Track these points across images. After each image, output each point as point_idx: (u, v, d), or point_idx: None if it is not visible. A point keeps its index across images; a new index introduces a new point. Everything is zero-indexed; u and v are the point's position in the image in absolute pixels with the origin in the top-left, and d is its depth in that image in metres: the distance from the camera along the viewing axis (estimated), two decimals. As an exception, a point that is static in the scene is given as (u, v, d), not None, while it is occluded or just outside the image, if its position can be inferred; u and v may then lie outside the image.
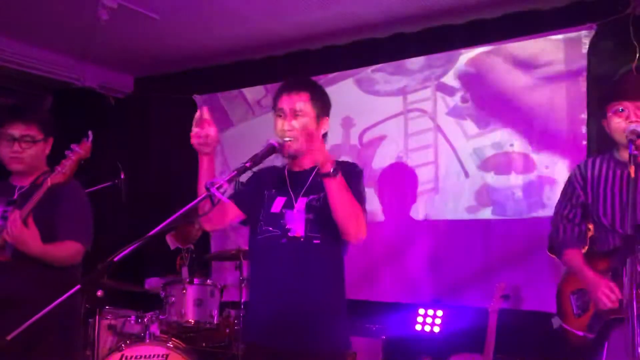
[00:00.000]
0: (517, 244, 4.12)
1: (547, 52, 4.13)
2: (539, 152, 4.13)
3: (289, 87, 2.27)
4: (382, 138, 4.74)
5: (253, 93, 5.32)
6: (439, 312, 4.19)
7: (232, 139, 5.24)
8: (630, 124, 2.36)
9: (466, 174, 4.38)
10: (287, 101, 2.24)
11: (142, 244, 1.74)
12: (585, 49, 3.98)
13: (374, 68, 4.80)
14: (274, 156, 2.15)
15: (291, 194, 2.27)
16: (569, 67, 4.05)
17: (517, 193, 4.18)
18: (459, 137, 4.43)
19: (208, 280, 3.99)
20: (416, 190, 4.53)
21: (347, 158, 4.26)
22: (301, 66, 5.06)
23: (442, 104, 4.52)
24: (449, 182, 4.44)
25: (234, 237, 4.99)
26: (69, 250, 2.61)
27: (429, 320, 4.20)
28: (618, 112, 2.44)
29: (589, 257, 2.51)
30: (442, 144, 4.50)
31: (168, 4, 4.31)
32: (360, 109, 4.80)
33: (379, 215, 4.66)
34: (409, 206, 4.56)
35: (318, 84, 2.35)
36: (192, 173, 2.17)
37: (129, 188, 4.11)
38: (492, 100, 4.32)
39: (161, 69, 5.71)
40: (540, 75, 4.16)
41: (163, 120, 5.64)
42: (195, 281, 3.90)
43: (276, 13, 4.41)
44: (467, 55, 4.43)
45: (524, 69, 4.21)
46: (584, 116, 3.97)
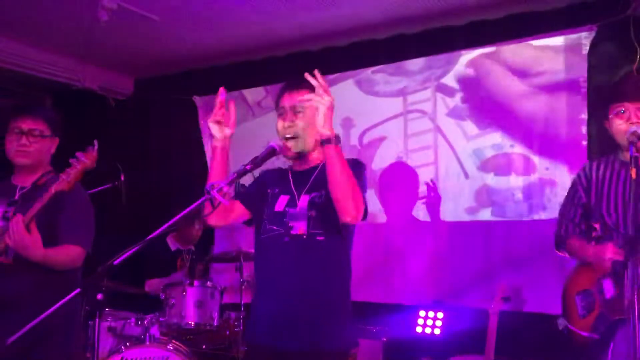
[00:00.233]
0: (518, 246, 4.11)
1: (547, 54, 4.12)
2: (540, 153, 4.12)
3: (291, 86, 2.32)
4: (382, 139, 4.74)
5: (253, 94, 5.31)
6: (440, 314, 4.18)
7: (232, 140, 5.20)
8: (630, 126, 2.37)
9: (466, 175, 4.38)
10: (288, 99, 2.28)
11: (142, 247, 1.74)
12: (585, 50, 3.98)
13: (374, 69, 4.80)
14: (275, 158, 2.16)
15: (294, 192, 2.28)
16: (569, 69, 4.04)
17: (517, 194, 4.18)
18: (459, 137, 4.42)
19: (208, 282, 3.96)
20: (417, 190, 4.53)
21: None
22: (301, 67, 5.02)
23: (442, 105, 4.52)
24: (448, 182, 4.43)
25: (237, 238, 4.99)
26: (70, 254, 2.61)
27: (429, 322, 4.19)
28: (619, 113, 2.46)
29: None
30: (442, 145, 4.49)
31: (168, 5, 4.31)
32: (361, 110, 4.80)
33: (379, 216, 4.66)
34: (410, 207, 4.56)
35: None
36: (192, 174, 2.17)
37: (128, 189, 4.10)
38: (492, 102, 4.31)
39: (161, 70, 5.71)
40: (540, 76, 4.15)
41: (163, 121, 5.63)
42: (196, 283, 3.88)
43: (276, 14, 4.40)
44: (467, 56, 4.43)
45: (524, 72, 4.20)
46: (584, 116, 3.97)
